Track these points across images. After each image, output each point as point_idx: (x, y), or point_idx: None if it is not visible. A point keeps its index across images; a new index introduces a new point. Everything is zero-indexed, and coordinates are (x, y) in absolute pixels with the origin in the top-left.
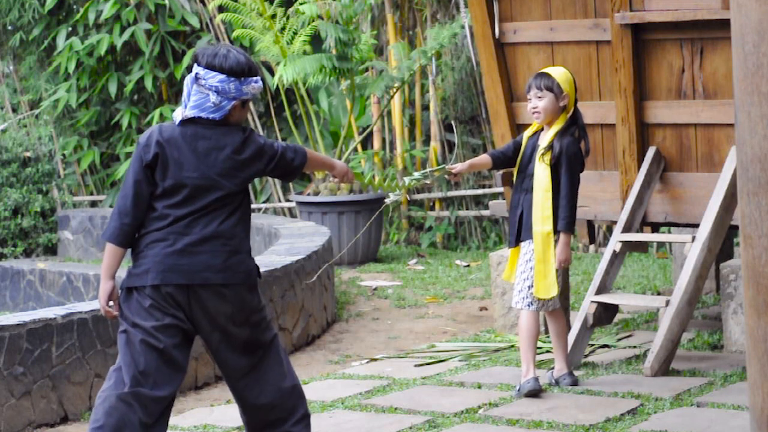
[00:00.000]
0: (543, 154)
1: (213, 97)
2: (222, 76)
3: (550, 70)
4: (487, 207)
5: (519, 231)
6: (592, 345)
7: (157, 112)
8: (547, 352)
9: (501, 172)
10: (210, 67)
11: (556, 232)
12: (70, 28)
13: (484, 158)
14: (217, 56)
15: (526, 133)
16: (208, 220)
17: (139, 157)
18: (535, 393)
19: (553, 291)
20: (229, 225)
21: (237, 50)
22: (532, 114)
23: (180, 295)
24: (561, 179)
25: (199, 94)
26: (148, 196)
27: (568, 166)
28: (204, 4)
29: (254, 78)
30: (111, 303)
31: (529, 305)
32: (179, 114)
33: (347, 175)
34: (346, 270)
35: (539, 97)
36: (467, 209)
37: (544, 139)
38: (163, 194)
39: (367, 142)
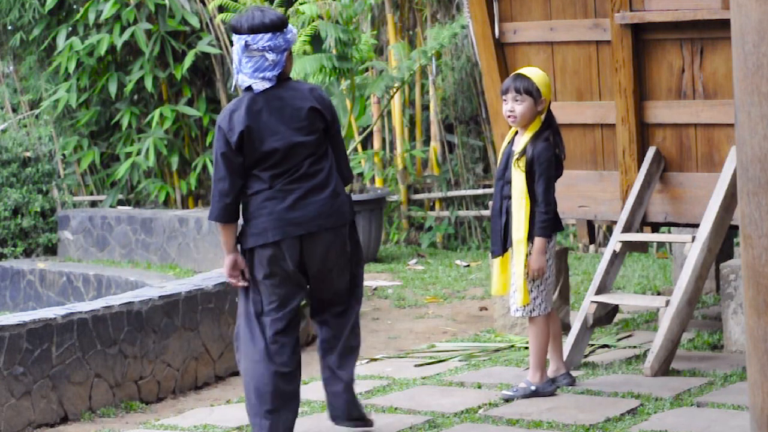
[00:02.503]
0: (517, 160)
1: (270, 56)
2: (269, 35)
3: (527, 71)
4: (487, 207)
5: (505, 239)
6: (592, 345)
7: (157, 112)
8: None
9: None
10: (254, 30)
11: (531, 239)
12: (70, 28)
13: None
14: (255, 18)
15: (504, 144)
16: (306, 174)
17: (224, 140)
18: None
19: (525, 299)
20: (324, 173)
21: (265, 8)
22: (507, 117)
23: (296, 245)
24: (536, 185)
25: (253, 59)
26: (242, 171)
27: (542, 172)
28: (204, 4)
29: (290, 27)
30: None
31: (530, 312)
32: (244, 81)
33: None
34: None
35: (517, 101)
36: (467, 209)
37: (518, 143)
38: (261, 159)
39: (367, 142)
